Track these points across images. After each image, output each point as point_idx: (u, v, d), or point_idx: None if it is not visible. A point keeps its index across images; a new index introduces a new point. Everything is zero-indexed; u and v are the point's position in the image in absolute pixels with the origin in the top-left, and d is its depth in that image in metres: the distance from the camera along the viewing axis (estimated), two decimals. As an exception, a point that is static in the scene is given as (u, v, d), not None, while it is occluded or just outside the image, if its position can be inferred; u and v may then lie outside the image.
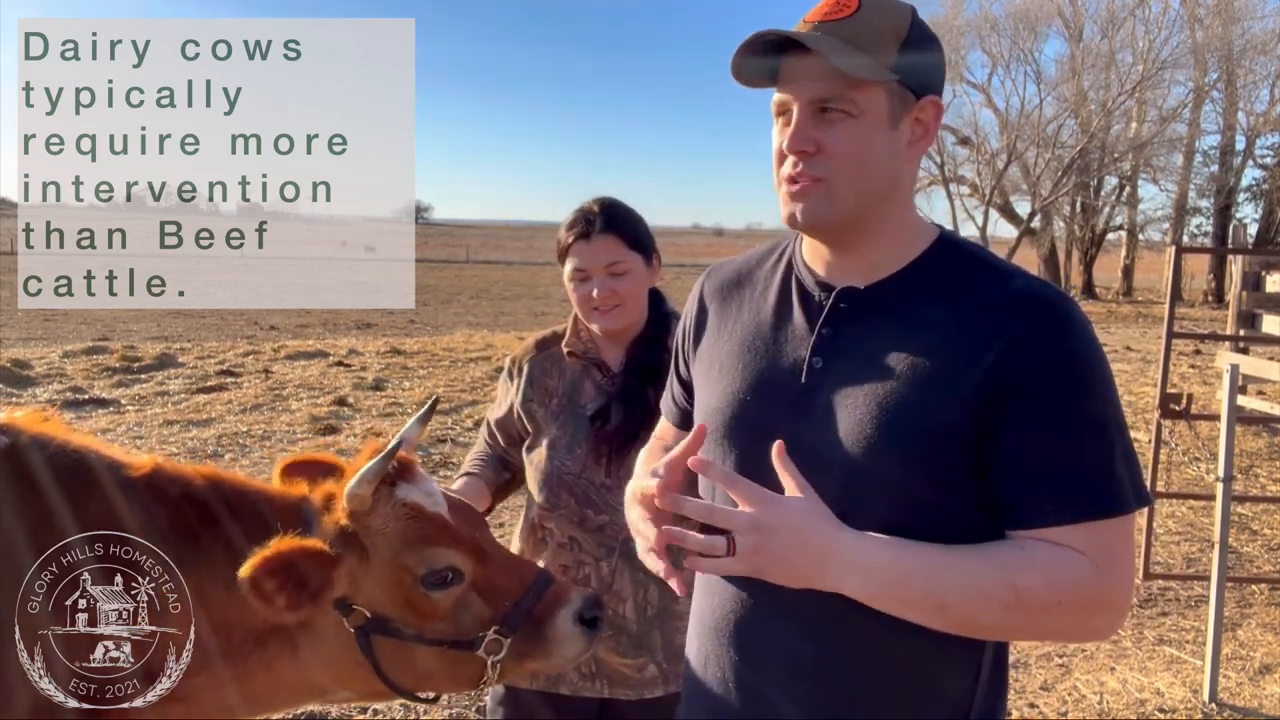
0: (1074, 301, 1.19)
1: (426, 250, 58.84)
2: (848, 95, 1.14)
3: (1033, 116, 30.88)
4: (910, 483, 1.13)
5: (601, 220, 1.95)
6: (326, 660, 1.61)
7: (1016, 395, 1.11)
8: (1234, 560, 5.60)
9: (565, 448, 1.97)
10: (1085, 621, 1.14)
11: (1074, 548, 1.10)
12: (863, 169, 1.16)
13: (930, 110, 1.21)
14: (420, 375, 10.87)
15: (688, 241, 70.95)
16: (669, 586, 1.91)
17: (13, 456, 1.57)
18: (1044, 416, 1.11)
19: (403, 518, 1.59)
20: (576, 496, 1.95)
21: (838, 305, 1.22)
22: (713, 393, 1.31)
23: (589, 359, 2.03)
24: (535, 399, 2.05)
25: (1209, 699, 3.94)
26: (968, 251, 1.23)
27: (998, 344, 1.11)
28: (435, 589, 1.57)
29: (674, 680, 1.93)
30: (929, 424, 1.12)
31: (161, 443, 7.51)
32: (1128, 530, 1.14)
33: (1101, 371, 1.14)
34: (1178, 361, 13.50)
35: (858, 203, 1.17)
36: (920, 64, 1.18)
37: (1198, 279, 32.30)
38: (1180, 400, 5.21)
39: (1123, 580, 1.13)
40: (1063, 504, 1.11)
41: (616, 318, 1.96)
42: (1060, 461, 1.11)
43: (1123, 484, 1.12)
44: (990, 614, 1.11)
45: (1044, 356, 1.11)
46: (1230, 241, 19.78)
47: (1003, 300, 1.14)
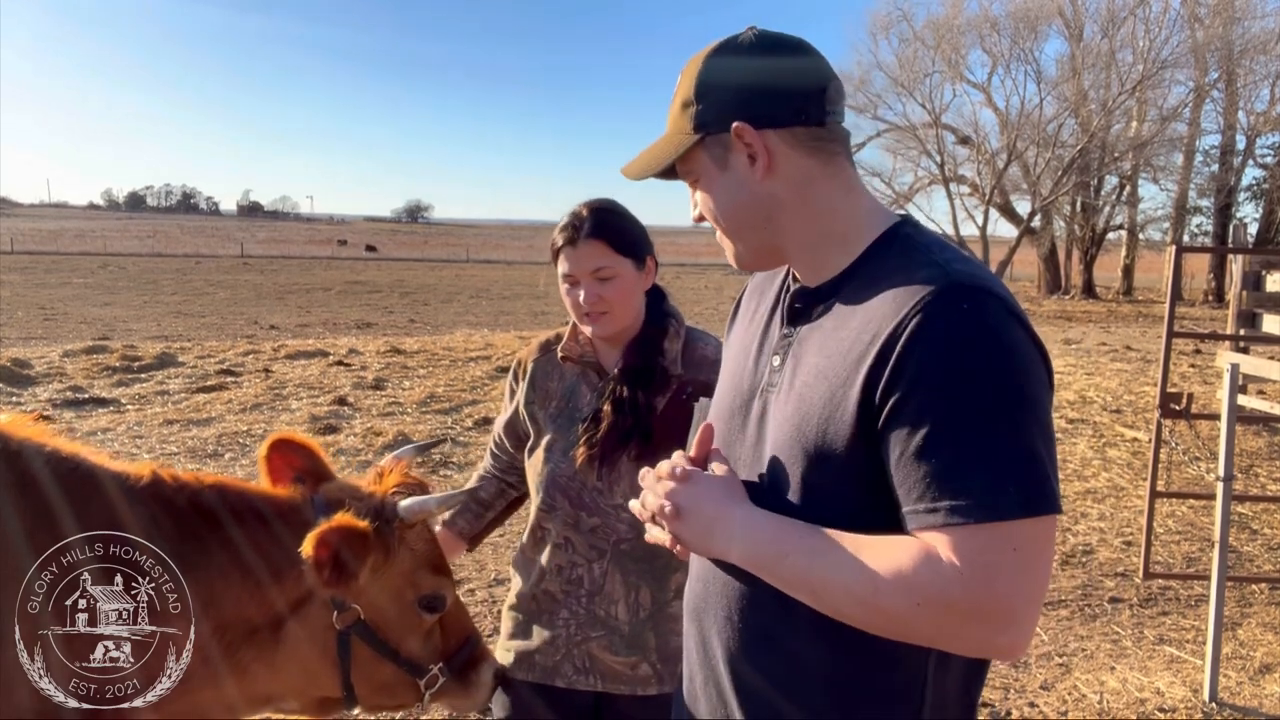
0: (988, 290, 1.10)
1: (426, 250, 59.01)
2: (686, 169, 1.29)
3: (1033, 116, 30.90)
4: (823, 480, 1.15)
5: (588, 225, 1.93)
6: (302, 659, 1.68)
7: (893, 390, 1.07)
8: (1234, 560, 5.60)
9: (561, 450, 1.98)
10: (956, 631, 1.05)
11: (943, 553, 1.04)
12: (729, 214, 1.29)
13: (746, 133, 1.22)
14: (420, 375, 10.87)
15: (688, 241, 70.93)
16: (662, 588, 1.96)
17: (10, 461, 1.57)
18: (915, 413, 1.06)
19: (429, 541, 1.80)
20: (570, 499, 1.96)
21: (793, 306, 1.29)
22: (719, 390, 1.42)
23: (585, 363, 2.03)
24: (537, 401, 2.07)
25: (1209, 698, 3.94)
26: (909, 242, 1.21)
27: (884, 335, 1.09)
28: (425, 611, 1.75)
29: (669, 680, 1.94)
30: (831, 421, 1.13)
31: (161, 442, 7.51)
32: (1009, 538, 1.02)
33: (992, 364, 1.05)
34: (1178, 361, 13.50)
35: (743, 239, 1.30)
36: (712, 107, 1.24)
37: (1198, 278, 32.32)
38: (1180, 400, 5.21)
39: (998, 592, 1.02)
40: (930, 507, 1.05)
41: (605, 324, 1.96)
42: (926, 461, 1.05)
43: (998, 489, 1.02)
44: (851, 607, 1.08)
45: (921, 348, 1.06)
46: (1230, 241, 19.77)
47: (903, 289, 1.12)
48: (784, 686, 1.22)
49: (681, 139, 1.27)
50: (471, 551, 2.13)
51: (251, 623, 1.64)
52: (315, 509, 1.69)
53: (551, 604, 1.99)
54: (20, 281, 25.26)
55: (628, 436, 1.90)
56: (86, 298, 21.73)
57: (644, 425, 1.91)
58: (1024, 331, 1.10)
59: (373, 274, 35.30)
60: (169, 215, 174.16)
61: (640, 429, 1.91)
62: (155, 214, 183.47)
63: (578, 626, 1.96)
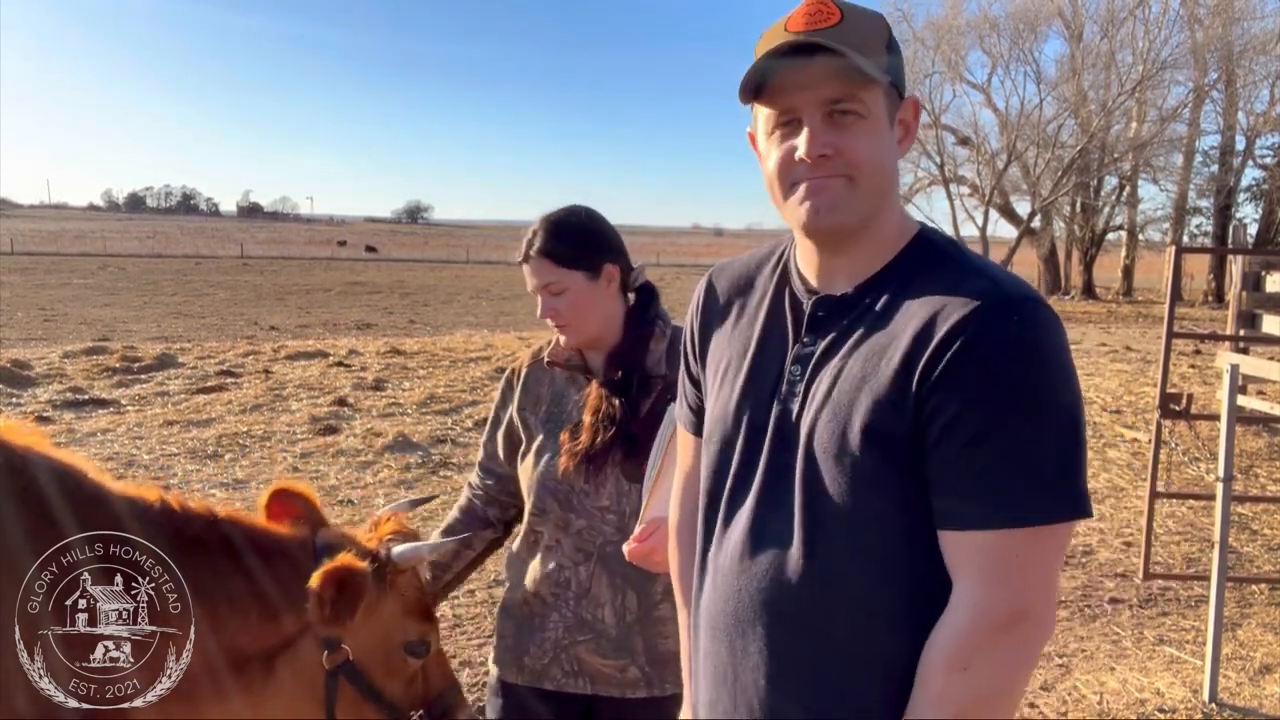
0: (1038, 301, 1.13)
1: (426, 250, 58.98)
2: (858, 95, 1.16)
3: (1033, 116, 30.92)
4: (870, 481, 1.14)
5: (537, 242, 1.97)
6: (289, 695, 1.71)
7: (949, 397, 1.09)
8: (1234, 560, 5.60)
9: (550, 453, 2.00)
10: (1006, 643, 1.10)
11: (954, 557, 1.11)
12: (879, 168, 1.18)
13: (910, 110, 1.23)
14: (420, 375, 10.87)
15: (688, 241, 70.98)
16: (649, 592, 1.97)
17: (14, 475, 1.57)
18: (971, 421, 1.08)
19: (418, 588, 1.87)
20: (560, 501, 1.97)
21: (816, 314, 1.25)
22: (715, 403, 1.34)
23: (572, 366, 2.05)
24: (528, 406, 2.08)
25: (1209, 699, 3.94)
26: (940, 249, 1.22)
27: (936, 342, 1.10)
28: (411, 655, 1.80)
29: (657, 684, 1.95)
30: (874, 431, 1.13)
31: (161, 443, 7.51)
32: (1054, 536, 1.09)
33: (1045, 373, 1.09)
34: (1178, 361, 13.50)
35: (876, 202, 1.20)
36: (900, 67, 1.21)
37: (1198, 279, 32.31)
38: (1180, 400, 5.21)
39: (1007, 595, 1.09)
40: (981, 509, 1.09)
41: (571, 334, 1.99)
42: (981, 465, 1.08)
43: (1047, 493, 1.08)
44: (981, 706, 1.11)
45: (977, 357, 1.08)
46: (1230, 241, 19.77)
47: (947, 302, 1.13)
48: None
49: (875, 68, 1.14)
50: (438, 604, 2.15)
51: (244, 653, 1.66)
52: (317, 549, 1.75)
53: (542, 607, 2.00)
54: (20, 282, 25.27)
55: (609, 445, 1.92)
56: (86, 299, 21.73)
57: (626, 431, 1.92)
58: (1065, 339, 1.15)
59: (373, 275, 35.30)
60: (169, 216, 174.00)
61: (622, 435, 1.92)
62: (155, 215, 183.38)
63: (565, 630, 1.97)
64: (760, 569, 1.22)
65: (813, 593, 1.17)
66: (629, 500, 1.93)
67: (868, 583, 1.15)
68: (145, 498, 1.67)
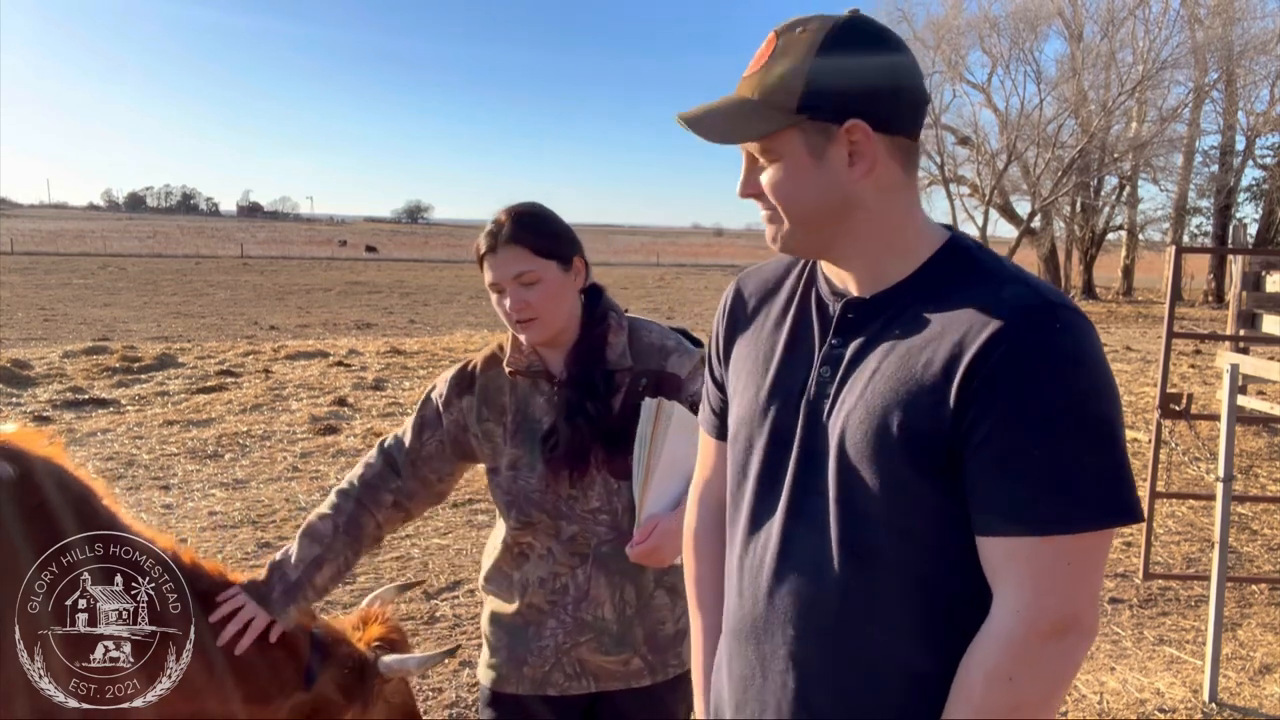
0: (1074, 309, 1.14)
1: (426, 250, 58.96)
2: (768, 145, 1.19)
3: (1033, 116, 30.90)
4: (893, 494, 1.13)
5: (507, 230, 1.88)
6: None
7: (974, 404, 1.09)
8: (1234, 560, 5.60)
9: (527, 466, 1.94)
10: (1052, 647, 1.10)
11: (998, 564, 1.10)
12: (795, 201, 1.20)
13: (858, 132, 1.16)
14: (420, 375, 10.86)
15: (688, 241, 70.91)
16: (644, 583, 1.98)
17: (28, 493, 1.56)
18: (1016, 427, 1.08)
19: (405, 694, 1.99)
20: (547, 511, 1.94)
21: (845, 316, 1.24)
22: (740, 404, 1.34)
23: (534, 372, 1.97)
24: (491, 418, 2.00)
25: (1209, 699, 3.93)
26: (971, 256, 1.22)
27: (975, 348, 1.10)
28: None
29: (660, 670, 1.95)
30: (911, 433, 1.12)
31: (161, 443, 7.51)
32: (1101, 540, 1.09)
33: (1084, 379, 1.09)
34: (1178, 361, 13.50)
35: (806, 228, 1.21)
36: (828, 96, 1.15)
37: (1198, 279, 32.31)
38: (1180, 400, 5.21)
39: (1056, 602, 1.09)
40: (1030, 516, 1.08)
41: (537, 330, 1.91)
42: (1026, 472, 1.08)
43: (1093, 499, 1.08)
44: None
45: (1019, 363, 1.08)
46: (1230, 241, 19.78)
47: (987, 308, 1.12)
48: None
49: (775, 115, 1.16)
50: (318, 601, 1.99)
51: None
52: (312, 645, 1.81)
53: (538, 616, 1.97)
54: (20, 282, 25.26)
55: (588, 447, 1.89)
56: (86, 298, 21.73)
57: (602, 430, 1.89)
58: (1101, 345, 1.15)
59: (373, 274, 35.30)
60: (169, 216, 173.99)
61: (599, 435, 1.89)
62: (155, 214, 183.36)
63: (565, 634, 1.95)
64: (789, 572, 1.22)
65: (841, 595, 1.17)
66: (620, 498, 1.91)
67: (895, 587, 1.15)
68: (156, 541, 1.66)
